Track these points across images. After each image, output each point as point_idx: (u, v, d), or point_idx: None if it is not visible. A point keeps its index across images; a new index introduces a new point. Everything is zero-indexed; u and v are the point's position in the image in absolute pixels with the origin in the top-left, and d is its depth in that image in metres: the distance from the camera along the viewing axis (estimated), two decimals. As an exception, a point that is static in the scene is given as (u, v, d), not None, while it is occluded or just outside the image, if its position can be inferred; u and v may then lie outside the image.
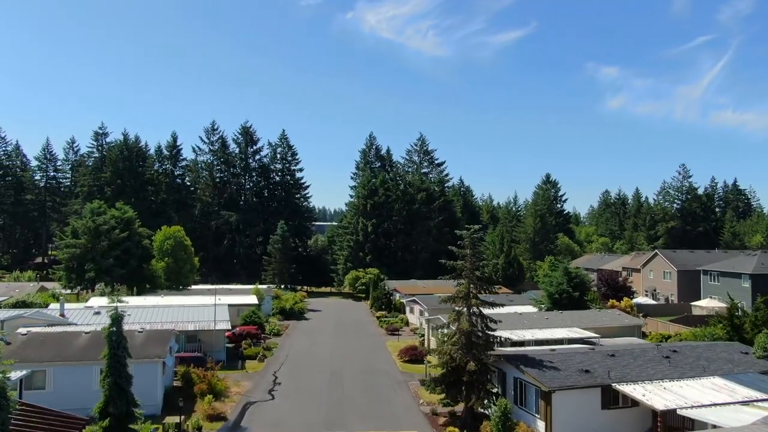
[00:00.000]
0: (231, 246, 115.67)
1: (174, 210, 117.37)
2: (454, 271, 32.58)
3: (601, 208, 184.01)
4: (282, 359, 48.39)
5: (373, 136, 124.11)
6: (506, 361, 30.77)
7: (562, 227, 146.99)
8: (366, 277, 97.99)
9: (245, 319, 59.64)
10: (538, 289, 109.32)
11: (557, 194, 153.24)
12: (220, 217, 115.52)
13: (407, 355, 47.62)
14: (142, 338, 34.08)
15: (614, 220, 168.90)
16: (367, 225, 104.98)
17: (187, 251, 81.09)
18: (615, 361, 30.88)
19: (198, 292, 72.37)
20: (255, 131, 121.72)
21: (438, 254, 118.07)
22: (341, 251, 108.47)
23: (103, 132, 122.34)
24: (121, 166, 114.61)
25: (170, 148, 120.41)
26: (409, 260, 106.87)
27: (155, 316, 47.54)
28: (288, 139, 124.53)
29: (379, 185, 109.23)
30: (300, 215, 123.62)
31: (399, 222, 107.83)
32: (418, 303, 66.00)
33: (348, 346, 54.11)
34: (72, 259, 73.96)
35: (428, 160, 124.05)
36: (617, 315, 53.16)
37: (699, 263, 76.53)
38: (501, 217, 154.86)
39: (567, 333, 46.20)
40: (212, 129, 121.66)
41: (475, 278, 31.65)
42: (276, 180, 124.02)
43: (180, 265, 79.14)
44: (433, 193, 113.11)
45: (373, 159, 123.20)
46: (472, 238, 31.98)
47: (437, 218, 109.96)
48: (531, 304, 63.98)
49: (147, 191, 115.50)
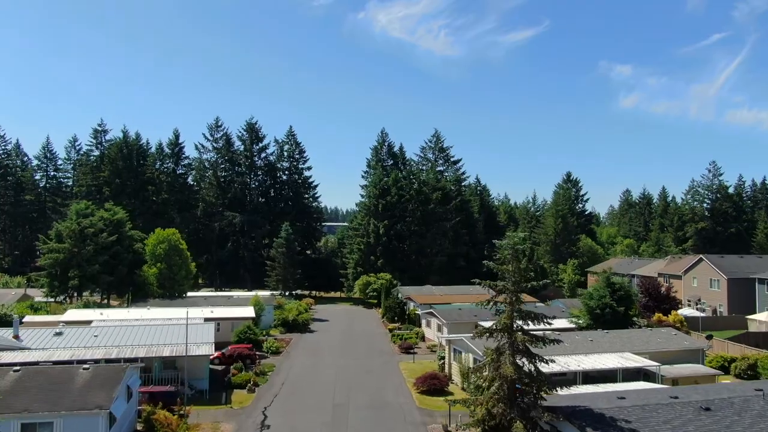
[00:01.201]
0: (235, 249, 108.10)
1: (176, 210, 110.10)
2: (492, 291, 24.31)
3: (623, 207, 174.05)
4: (276, 388, 40.27)
5: (385, 133, 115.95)
6: (566, 419, 22.24)
7: (583, 228, 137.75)
8: (377, 283, 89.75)
9: (239, 336, 51.67)
10: (562, 296, 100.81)
11: (578, 193, 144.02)
12: (224, 218, 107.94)
13: (425, 385, 39.27)
14: (86, 378, 26.10)
15: (638, 221, 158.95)
16: (379, 226, 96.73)
17: (183, 256, 73.36)
18: (714, 421, 22.29)
19: (192, 302, 64.57)
20: (261, 128, 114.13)
21: (454, 258, 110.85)
22: (351, 255, 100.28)
23: (102, 129, 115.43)
24: (120, 165, 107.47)
25: (172, 145, 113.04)
26: (423, 264, 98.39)
27: (126, 337, 39.65)
28: (295, 136, 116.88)
29: (391, 184, 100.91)
30: (308, 216, 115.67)
31: (413, 223, 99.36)
32: (436, 316, 57.65)
33: (356, 371, 45.87)
34: (55, 265, 66.58)
35: (444, 157, 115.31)
36: (673, 335, 44.37)
37: (752, 270, 67.31)
38: (520, 218, 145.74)
39: (619, 360, 37.63)
40: (216, 126, 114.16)
41: (520, 302, 23.31)
42: (283, 179, 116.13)
43: (174, 271, 71.38)
44: (450, 192, 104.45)
45: (386, 156, 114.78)
46: (516, 248, 23.62)
47: (454, 219, 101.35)
48: (564, 317, 55.36)
49: (147, 191, 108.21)
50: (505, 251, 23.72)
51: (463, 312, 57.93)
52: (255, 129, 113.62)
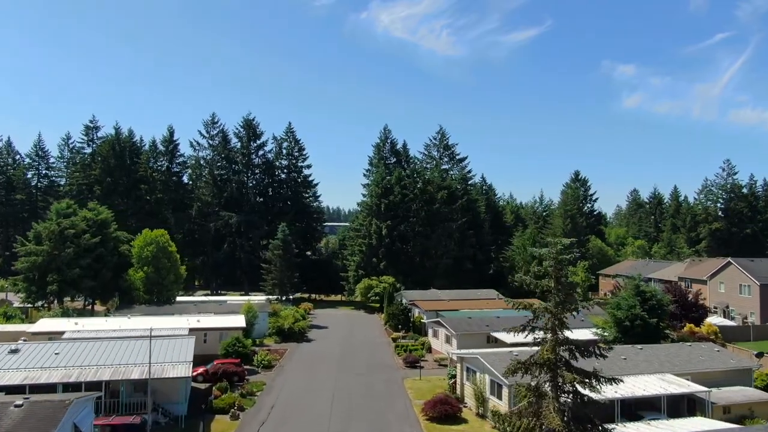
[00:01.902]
0: (232, 250, 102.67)
1: (170, 210, 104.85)
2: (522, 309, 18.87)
3: (632, 207, 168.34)
4: (264, 414, 34.88)
5: (387, 130, 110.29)
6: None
7: (592, 229, 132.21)
8: (380, 287, 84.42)
9: (226, 349, 46.27)
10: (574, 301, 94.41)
11: (587, 193, 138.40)
12: (220, 218, 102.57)
13: (435, 410, 33.84)
14: (15, 419, 20.68)
15: (648, 221, 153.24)
16: (381, 227, 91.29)
17: (172, 258, 67.98)
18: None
19: (180, 309, 59.33)
20: (258, 124, 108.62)
21: (461, 260, 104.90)
22: (352, 257, 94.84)
23: (94, 126, 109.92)
24: (112, 163, 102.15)
25: (166, 143, 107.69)
26: (428, 267, 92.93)
27: (92, 355, 34.25)
28: (294, 133, 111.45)
29: (394, 183, 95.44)
30: (308, 216, 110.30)
31: (417, 224, 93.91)
32: (444, 326, 52.19)
33: (356, 391, 40.44)
34: (32, 269, 61.30)
35: (449, 155, 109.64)
36: (716, 351, 38.84)
37: (786, 275, 61.89)
38: (527, 218, 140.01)
39: (661, 384, 32.14)
40: (212, 122, 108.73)
41: (564, 327, 17.88)
42: (281, 177, 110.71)
43: (162, 275, 66.00)
44: (455, 191, 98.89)
45: (388, 154, 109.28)
46: (559, 258, 18.18)
47: (460, 220, 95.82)
48: (584, 327, 49.80)
49: (140, 190, 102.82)
50: (548, 262, 18.27)
51: (473, 321, 52.60)
52: (252, 126, 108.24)
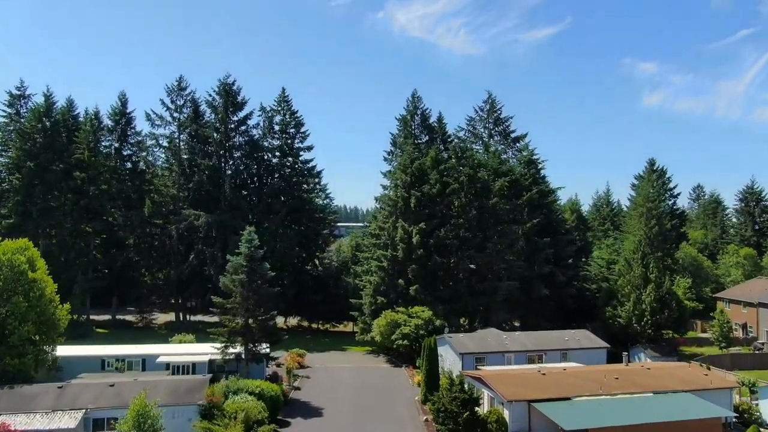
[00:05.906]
0: (201, 263, 70.47)
1: (120, 207, 73.24)
2: None
3: (710, 207, 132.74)
4: None
5: (417, 97, 77.08)
6: None
7: (677, 233, 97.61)
8: (411, 324, 51.67)
9: None
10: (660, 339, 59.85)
11: (666, 186, 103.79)
12: (184, 218, 70.41)
13: None
14: None
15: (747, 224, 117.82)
16: (411, 231, 58.44)
17: (37, 288, 35.57)
18: None
19: (40, 399, 26.93)
20: (240, 89, 76.14)
21: (530, 282, 54.44)
22: (368, 276, 61.87)
23: (22, 93, 78.09)
24: (39, 142, 70.71)
25: (116, 116, 75.91)
26: (481, 291, 59.61)
27: None
28: (290, 102, 78.73)
29: (430, 166, 62.54)
30: (308, 215, 77.51)
31: (463, 227, 60.74)
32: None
33: None
34: None
35: (500, 132, 76.06)
36: None
37: None
38: (591, 221, 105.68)
39: None
40: (178, 88, 76.25)
41: None
42: (272, 163, 78.18)
43: (11, 325, 33.61)
44: (520, 180, 65.30)
45: (419, 129, 76.04)
46: None
47: (529, 221, 62.35)
48: None
49: (76, 180, 71.16)
50: None
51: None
52: (232, 92, 75.64)
